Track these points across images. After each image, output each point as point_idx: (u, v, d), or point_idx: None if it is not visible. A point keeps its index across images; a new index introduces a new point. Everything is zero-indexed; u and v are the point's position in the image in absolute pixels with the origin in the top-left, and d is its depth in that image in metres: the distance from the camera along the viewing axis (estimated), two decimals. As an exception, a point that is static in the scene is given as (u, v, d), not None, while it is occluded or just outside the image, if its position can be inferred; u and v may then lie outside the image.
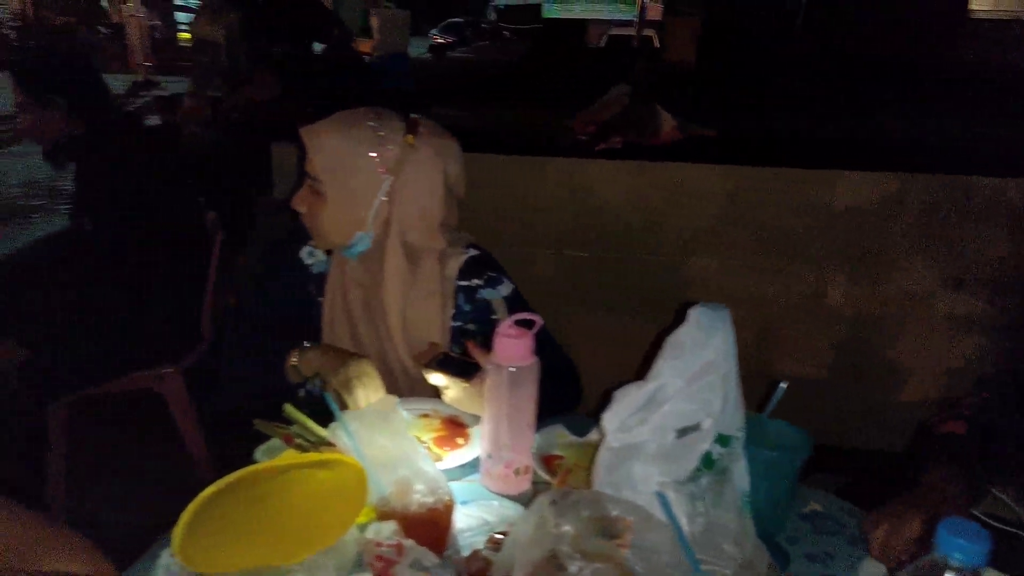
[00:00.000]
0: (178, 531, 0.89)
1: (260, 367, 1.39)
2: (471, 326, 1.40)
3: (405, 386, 1.37)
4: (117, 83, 13.11)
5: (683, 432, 0.91)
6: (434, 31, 18.85)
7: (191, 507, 0.91)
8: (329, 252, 1.41)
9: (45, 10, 19.68)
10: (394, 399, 1.06)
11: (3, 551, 0.78)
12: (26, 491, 2.00)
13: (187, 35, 22.33)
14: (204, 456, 2.27)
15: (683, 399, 0.91)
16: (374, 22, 3.14)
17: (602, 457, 0.93)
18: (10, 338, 1.94)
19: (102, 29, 19.03)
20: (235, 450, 2.35)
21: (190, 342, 2.24)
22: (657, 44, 8.05)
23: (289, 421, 1.14)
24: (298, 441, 1.10)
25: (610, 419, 0.92)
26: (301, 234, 1.39)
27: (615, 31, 13.00)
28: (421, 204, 1.30)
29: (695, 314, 0.93)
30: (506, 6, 18.59)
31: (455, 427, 1.24)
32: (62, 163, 2.15)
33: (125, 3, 15.04)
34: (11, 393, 1.85)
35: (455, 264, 1.38)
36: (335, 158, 1.26)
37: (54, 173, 6.61)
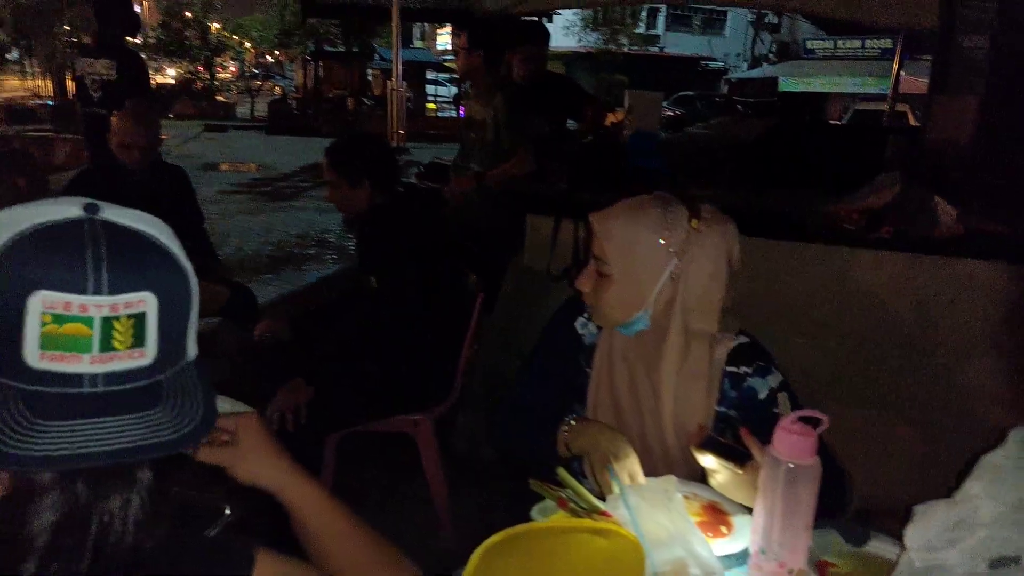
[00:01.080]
0: (468, 573, 0.98)
1: (530, 428, 1.49)
2: (733, 413, 1.40)
3: (663, 466, 1.39)
4: (376, 148, 14.85)
5: (999, 563, 0.84)
6: (665, 104, 19.19)
7: (478, 552, 1.00)
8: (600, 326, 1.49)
9: (323, 84, 22.92)
10: (673, 479, 1.09)
11: (348, 566, 0.90)
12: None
13: (433, 105, 24.82)
14: (444, 499, 2.43)
15: (1003, 527, 0.84)
16: (627, 102, 3.30)
17: (901, 575, 0.89)
18: (299, 376, 2.21)
19: (365, 100, 21.69)
20: (476, 498, 2.49)
21: (444, 393, 2.44)
22: (913, 121, 7.49)
23: (561, 484, 1.22)
24: (572, 506, 1.16)
25: (913, 536, 0.88)
26: (577, 304, 1.48)
27: (861, 106, 12.33)
28: (704, 286, 1.33)
29: (1018, 437, 0.87)
30: (739, 79, 18.41)
31: (716, 513, 1.23)
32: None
33: (390, 79, 17.01)
34: (300, 425, 2.12)
35: (724, 349, 1.40)
36: (624, 242, 1.34)
37: (327, 228, 7.56)
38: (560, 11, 9.01)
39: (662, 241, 1.32)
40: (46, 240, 0.60)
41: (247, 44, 31.44)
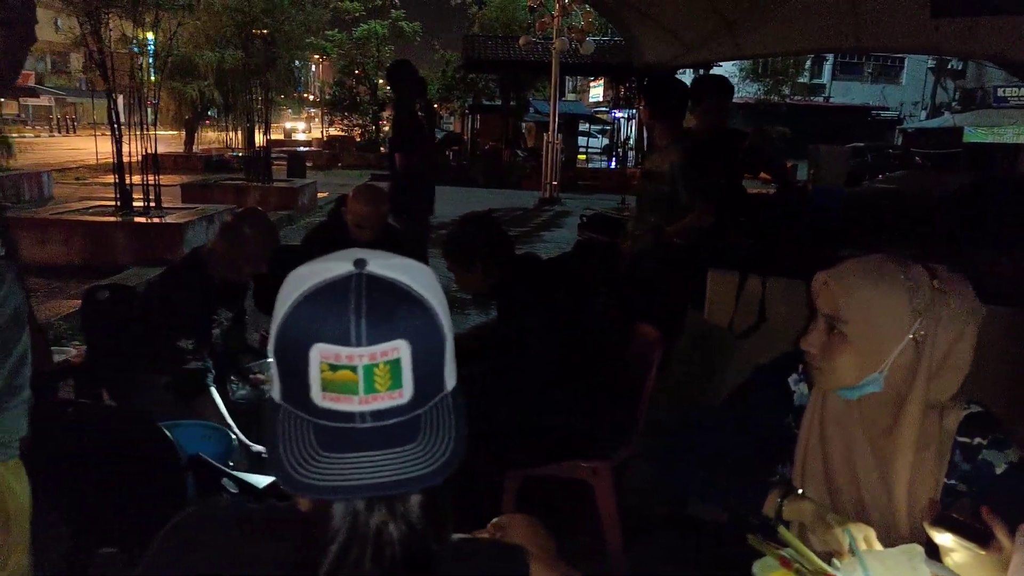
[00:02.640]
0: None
1: (719, 475, 1.48)
2: (963, 487, 1.32)
3: (884, 540, 1.33)
4: (529, 199, 15.28)
5: None
6: (828, 155, 18.37)
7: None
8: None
9: (479, 136, 23.98)
10: (919, 548, 1.05)
11: None
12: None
13: (583, 156, 25.20)
14: (619, 548, 2.43)
15: None
16: (812, 156, 3.23)
17: None
18: None
19: (519, 152, 22.43)
20: (647, 551, 2.47)
21: (624, 442, 2.47)
22: None
23: (782, 543, 1.21)
24: (796, 566, 1.15)
25: None
26: (794, 359, 1.45)
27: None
28: (950, 350, 1.28)
29: None
30: (916, 129, 17.29)
31: (951, 591, 1.17)
32: (485, 305, 2.58)
33: (544, 131, 17.52)
34: (475, 460, 2.22)
35: (954, 417, 1.33)
36: (866, 300, 1.29)
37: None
38: (720, 63, 8.97)
39: (907, 301, 1.27)
40: (321, 298, 0.71)
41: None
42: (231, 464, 2.16)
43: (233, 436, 2.36)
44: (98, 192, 12.73)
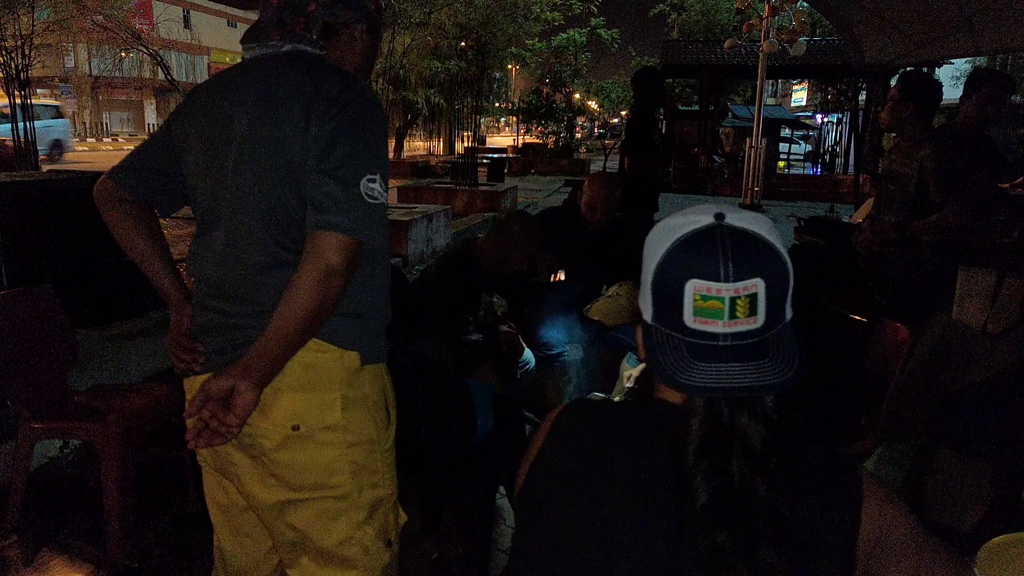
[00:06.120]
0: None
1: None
2: None
3: None
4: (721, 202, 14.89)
5: None
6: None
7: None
8: None
9: (676, 142, 23.71)
10: None
11: None
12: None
13: (783, 164, 24.00)
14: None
15: None
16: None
17: None
18: None
19: (716, 158, 21.87)
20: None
21: (867, 434, 2.52)
22: None
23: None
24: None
25: None
26: None
27: None
28: None
29: None
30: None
31: None
32: None
33: (744, 136, 17.05)
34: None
35: None
36: None
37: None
38: (952, 61, 8.27)
39: None
40: (693, 244, 0.91)
41: (594, 106, 33.63)
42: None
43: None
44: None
